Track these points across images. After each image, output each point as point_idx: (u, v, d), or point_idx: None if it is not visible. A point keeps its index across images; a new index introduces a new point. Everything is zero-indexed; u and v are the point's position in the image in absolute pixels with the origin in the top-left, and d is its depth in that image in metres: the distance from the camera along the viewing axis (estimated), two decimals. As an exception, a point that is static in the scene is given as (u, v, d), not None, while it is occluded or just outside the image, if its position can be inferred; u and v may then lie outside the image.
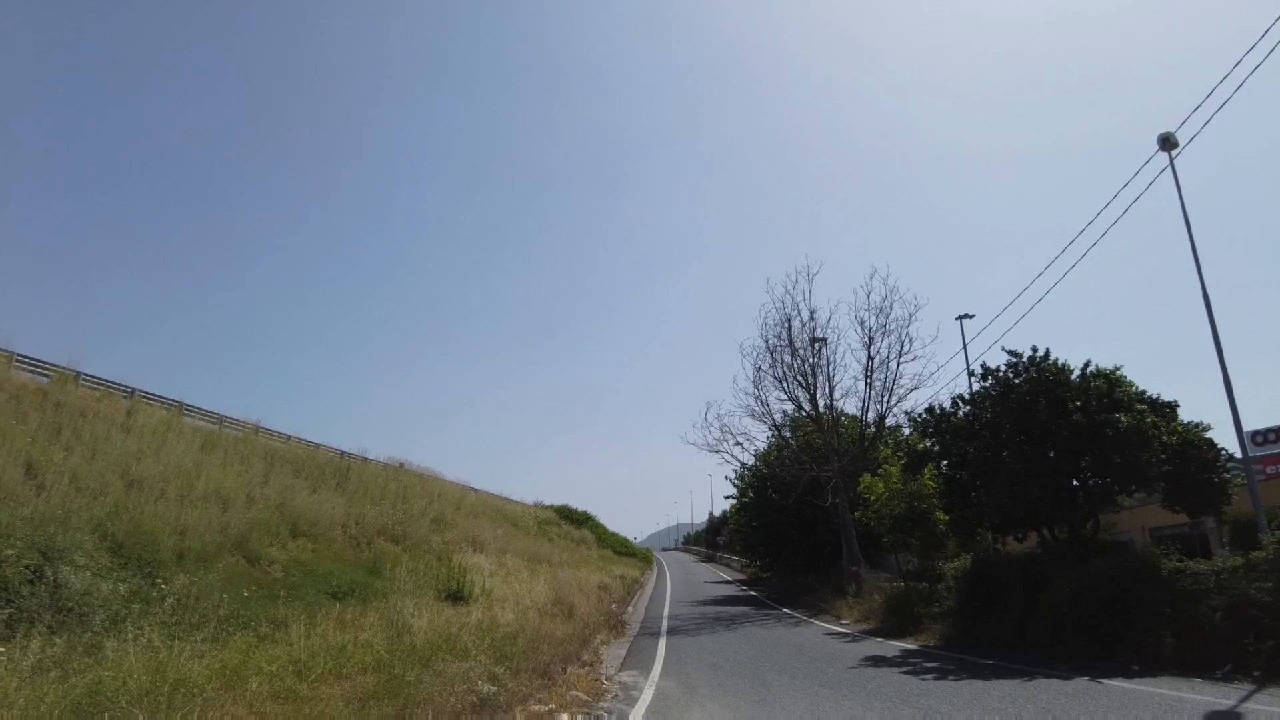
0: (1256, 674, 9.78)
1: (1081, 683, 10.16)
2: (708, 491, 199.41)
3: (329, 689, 7.59)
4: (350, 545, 21.27)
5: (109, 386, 23.45)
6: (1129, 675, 10.51)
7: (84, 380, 22.62)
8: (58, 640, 8.30)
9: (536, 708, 8.69)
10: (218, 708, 6.16)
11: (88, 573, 10.93)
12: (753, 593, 36.56)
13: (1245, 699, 8.64)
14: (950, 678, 11.26)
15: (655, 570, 58.66)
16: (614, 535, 66.37)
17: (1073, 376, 15.77)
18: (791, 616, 24.00)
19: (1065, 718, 7.99)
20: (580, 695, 9.91)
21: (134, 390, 24.34)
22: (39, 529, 11.11)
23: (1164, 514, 18.83)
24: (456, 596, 17.75)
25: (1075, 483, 15.70)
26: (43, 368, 21.81)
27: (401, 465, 37.60)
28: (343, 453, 33.57)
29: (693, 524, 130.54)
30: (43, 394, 19.63)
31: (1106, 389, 15.27)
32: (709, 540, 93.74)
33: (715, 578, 51.51)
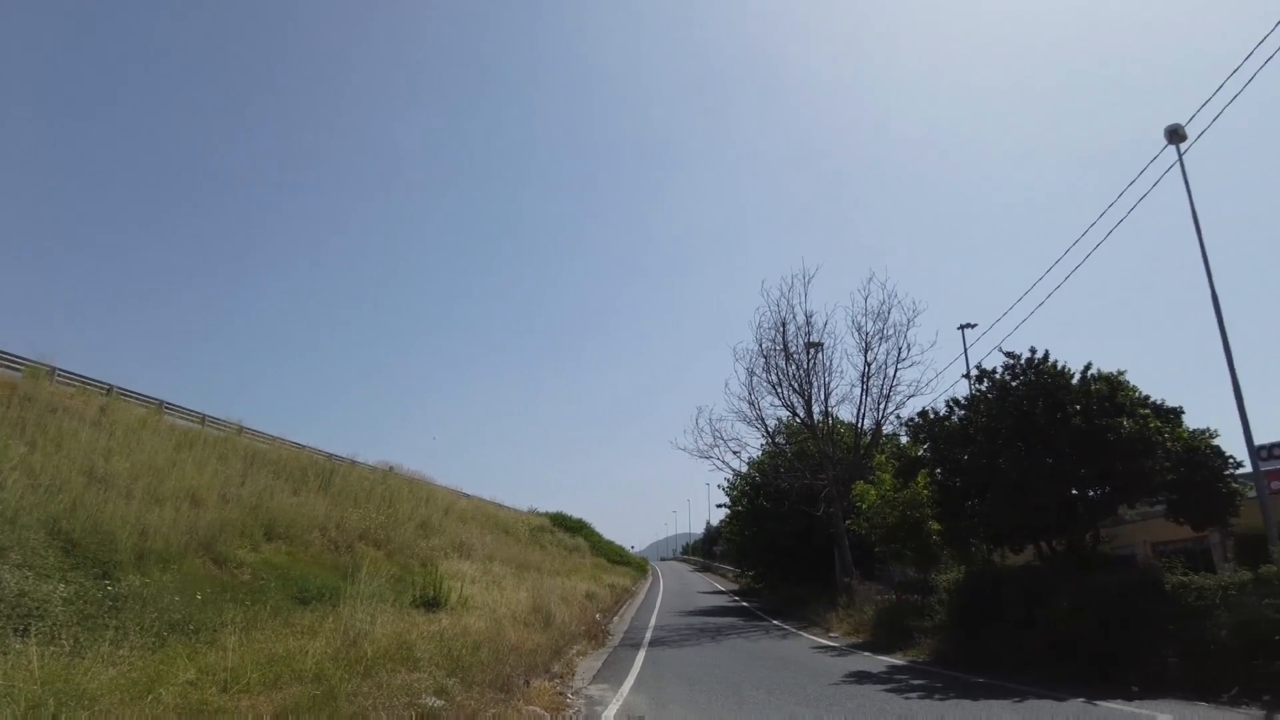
0: (1266, 698, 9.10)
1: (1076, 705, 9.51)
2: (706, 501, 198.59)
3: (252, 701, 6.96)
4: (329, 549, 20.61)
5: (85, 383, 22.89)
6: (1129, 697, 9.85)
7: (59, 376, 22.06)
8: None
9: (486, 724, 8.06)
10: (101, 723, 5.55)
11: (29, 572, 10.34)
12: (745, 604, 35.86)
13: (1256, 725, 7.97)
14: (937, 697, 10.59)
15: (649, 580, 57.99)
16: (609, 544, 65.63)
17: (1073, 380, 15.14)
18: (780, 629, 23.31)
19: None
20: (538, 710, 9.25)
21: (111, 387, 23.77)
22: (-19, 526, 10.52)
23: (1167, 528, 18.13)
24: (432, 603, 17.09)
25: (1075, 492, 15.02)
26: (15, 362, 21.26)
27: (391, 469, 36.91)
28: (330, 455, 32.91)
29: (691, 534, 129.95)
30: (11, 388, 19.07)
31: (1108, 392, 14.62)
32: (706, 550, 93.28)
33: (709, 588, 50.81)
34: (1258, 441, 14.82)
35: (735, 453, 31.75)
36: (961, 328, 30.39)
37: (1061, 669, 11.68)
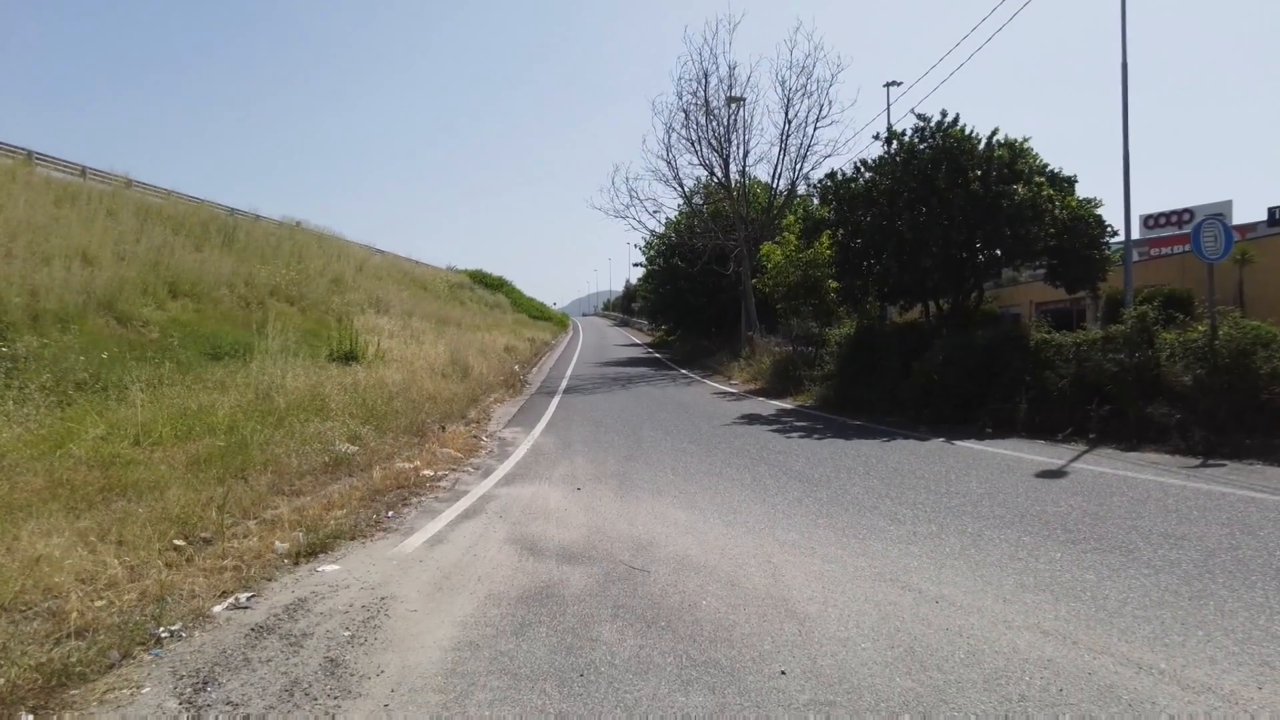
0: (1092, 436, 10.49)
1: (936, 444, 10.73)
2: (625, 259, 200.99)
3: (165, 453, 7.26)
4: (239, 306, 20.36)
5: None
6: (981, 438, 11.15)
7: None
8: None
9: (401, 465, 8.65)
10: (8, 477, 5.75)
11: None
12: (656, 355, 37.81)
13: (1075, 459, 9.25)
14: (815, 436, 11.78)
15: (569, 334, 59.82)
16: (530, 300, 66.46)
17: (979, 146, 15.36)
18: (686, 377, 24.94)
19: (908, 472, 8.37)
20: (451, 452, 9.94)
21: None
22: None
23: (1049, 290, 19.47)
24: (349, 357, 17.38)
25: (965, 255, 15.79)
26: None
27: (298, 224, 35.57)
28: (231, 210, 31.34)
29: (612, 291, 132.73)
30: None
31: (1009, 159, 14.98)
32: (624, 307, 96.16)
33: (625, 341, 53.02)
34: (1138, 212, 15.75)
35: (652, 213, 31.91)
36: (887, 85, 29.86)
37: (930, 414, 13.04)
